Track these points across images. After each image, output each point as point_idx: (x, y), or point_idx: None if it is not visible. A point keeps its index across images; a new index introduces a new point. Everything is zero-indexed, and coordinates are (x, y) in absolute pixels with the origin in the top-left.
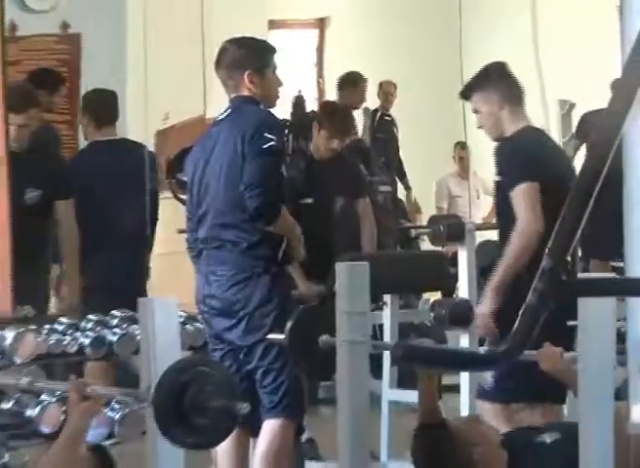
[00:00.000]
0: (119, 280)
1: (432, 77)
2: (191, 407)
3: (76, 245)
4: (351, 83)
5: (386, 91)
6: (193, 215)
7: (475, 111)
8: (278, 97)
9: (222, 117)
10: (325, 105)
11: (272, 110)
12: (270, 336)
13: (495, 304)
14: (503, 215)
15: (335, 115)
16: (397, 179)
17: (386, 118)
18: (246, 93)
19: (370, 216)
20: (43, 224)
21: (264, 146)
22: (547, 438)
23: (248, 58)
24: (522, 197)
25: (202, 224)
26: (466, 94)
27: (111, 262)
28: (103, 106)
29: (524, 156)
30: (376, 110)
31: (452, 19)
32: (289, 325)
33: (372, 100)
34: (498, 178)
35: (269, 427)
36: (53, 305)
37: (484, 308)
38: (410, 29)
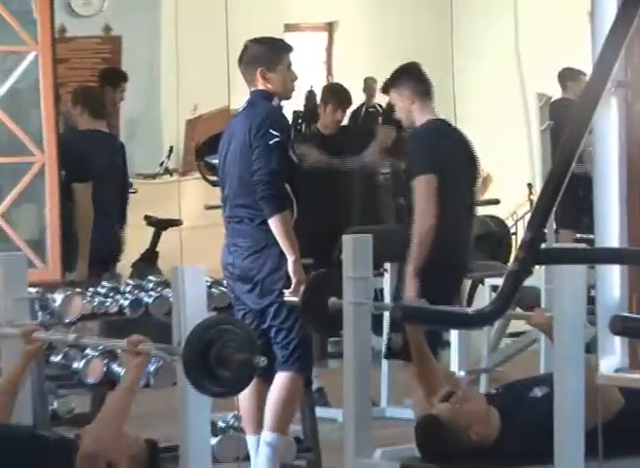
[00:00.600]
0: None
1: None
2: (216, 360)
3: (89, 224)
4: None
5: (370, 86)
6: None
7: (393, 105)
8: (293, 90)
9: (241, 109)
10: (327, 86)
11: (287, 102)
12: (286, 299)
13: (417, 286)
14: (410, 198)
15: (336, 91)
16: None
17: (370, 110)
18: (261, 87)
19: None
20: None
21: (271, 142)
22: (539, 392)
23: (261, 55)
24: (420, 189)
25: (226, 203)
26: (385, 90)
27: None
28: (99, 101)
29: (424, 149)
30: (362, 105)
31: (444, 17)
32: (302, 289)
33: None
34: (404, 166)
35: (281, 379)
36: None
37: (410, 292)
38: (404, 29)
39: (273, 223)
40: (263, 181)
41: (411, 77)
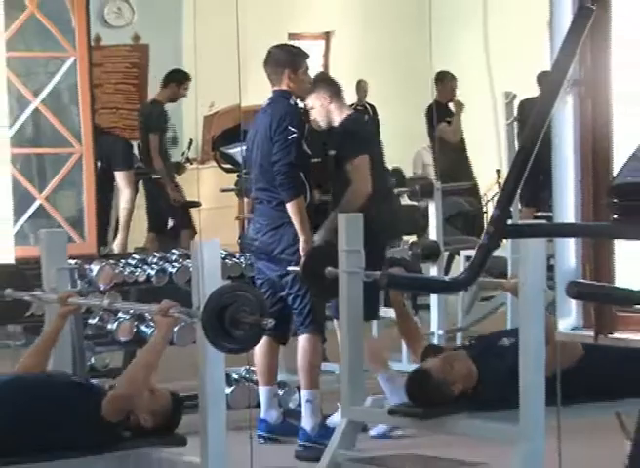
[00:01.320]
0: None
1: (410, 76)
2: (230, 321)
3: (131, 207)
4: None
5: (361, 87)
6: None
7: (311, 108)
8: (307, 91)
9: (264, 105)
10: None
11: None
12: (290, 268)
13: (327, 238)
14: (338, 181)
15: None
16: None
17: (359, 108)
18: (284, 87)
19: None
20: (105, 188)
21: (289, 137)
22: (507, 341)
23: (284, 59)
24: (358, 166)
25: (252, 186)
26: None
27: None
28: None
29: (357, 135)
30: (354, 103)
31: (424, 28)
32: (302, 260)
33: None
34: (333, 153)
35: (302, 343)
36: None
37: (317, 239)
38: (389, 38)
39: (289, 207)
40: (282, 171)
41: (325, 82)
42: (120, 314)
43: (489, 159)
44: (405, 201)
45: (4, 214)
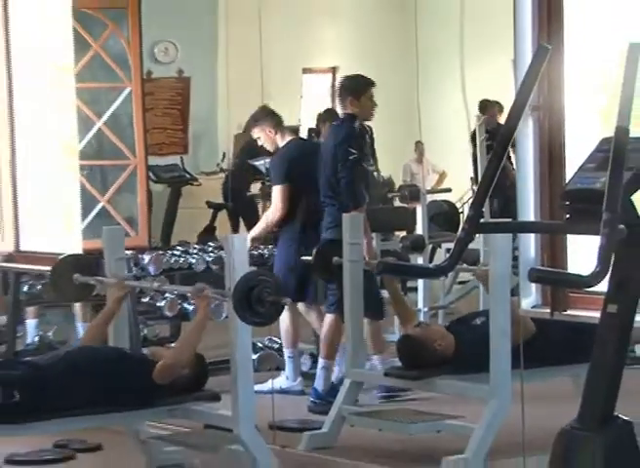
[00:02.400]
0: None
1: (399, 103)
2: (255, 300)
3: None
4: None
5: None
6: None
7: (257, 138)
8: (372, 114)
9: (335, 124)
10: (325, 110)
11: (305, 121)
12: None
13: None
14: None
15: (331, 113)
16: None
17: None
18: (349, 111)
19: None
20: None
21: (350, 158)
22: (478, 321)
23: (350, 87)
24: (275, 193)
25: (320, 193)
26: (249, 127)
27: None
28: None
29: (283, 164)
30: None
31: (412, 61)
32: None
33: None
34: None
35: (327, 320)
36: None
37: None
38: (383, 71)
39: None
40: (345, 187)
41: (268, 115)
42: (167, 294)
43: (465, 169)
44: (397, 203)
45: (74, 214)
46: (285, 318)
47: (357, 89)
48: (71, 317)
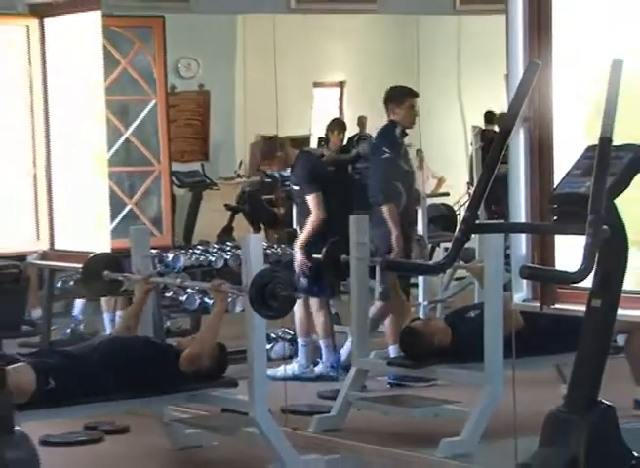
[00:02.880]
0: None
1: None
2: (269, 295)
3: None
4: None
5: (361, 121)
6: None
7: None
8: (413, 122)
9: (377, 132)
10: (332, 120)
11: (315, 130)
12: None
13: (303, 254)
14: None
15: (338, 122)
16: None
17: (362, 137)
18: (391, 118)
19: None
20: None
21: (383, 156)
22: (473, 313)
23: (393, 96)
24: (312, 202)
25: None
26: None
27: None
28: None
29: (309, 176)
30: (356, 134)
31: (412, 76)
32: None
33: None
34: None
35: (377, 306)
36: None
37: (298, 257)
38: (388, 83)
39: (384, 210)
40: (376, 183)
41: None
42: (188, 289)
43: (462, 175)
44: None
45: (104, 216)
46: (298, 309)
47: (399, 98)
48: (99, 311)
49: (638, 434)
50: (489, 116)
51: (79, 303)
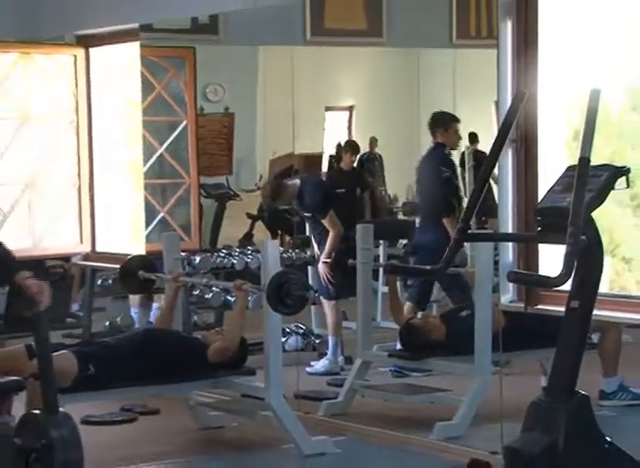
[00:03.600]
0: None
1: (404, 135)
2: (285, 293)
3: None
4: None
5: (372, 142)
6: None
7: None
8: (457, 144)
9: (427, 152)
10: (346, 141)
11: (326, 150)
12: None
13: (327, 260)
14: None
15: (351, 144)
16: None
17: (371, 155)
18: (439, 140)
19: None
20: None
21: (443, 176)
22: (464, 313)
23: (439, 121)
24: (330, 220)
25: (420, 205)
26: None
27: None
28: None
29: (324, 198)
30: (366, 153)
31: (414, 104)
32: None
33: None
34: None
35: (406, 308)
36: None
37: (323, 263)
38: (391, 109)
39: (445, 222)
40: (440, 200)
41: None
42: (213, 288)
43: None
44: (400, 216)
45: (139, 222)
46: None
47: (445, 122)
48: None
49: (603, 421)
50: (472, 137)
51: (133, 300)
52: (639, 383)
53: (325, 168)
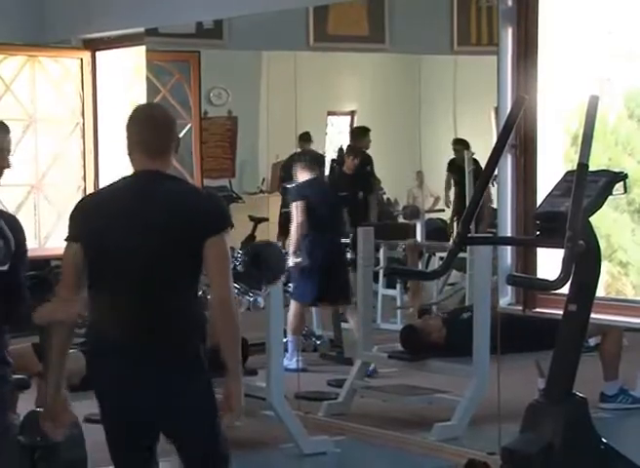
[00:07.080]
0: None
1: (405, 139)
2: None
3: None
4: (362, 134)
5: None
6: None
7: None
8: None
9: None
10: (348, 146)
11: (328, 154)
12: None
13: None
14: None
15: (353, 149)
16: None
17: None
18: None
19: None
20: None
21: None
22: (465, 315)
23: None
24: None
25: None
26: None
27: None
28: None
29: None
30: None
31: (414, 110)
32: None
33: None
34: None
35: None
36: None
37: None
38: (391, 114)
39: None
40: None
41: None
42: None
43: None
44: (401, 220)
45: None
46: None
47: None
48: None
49: (603, 423)
50: (457, 142)
51: None
52: (633, 386)
53: (327, 171)
